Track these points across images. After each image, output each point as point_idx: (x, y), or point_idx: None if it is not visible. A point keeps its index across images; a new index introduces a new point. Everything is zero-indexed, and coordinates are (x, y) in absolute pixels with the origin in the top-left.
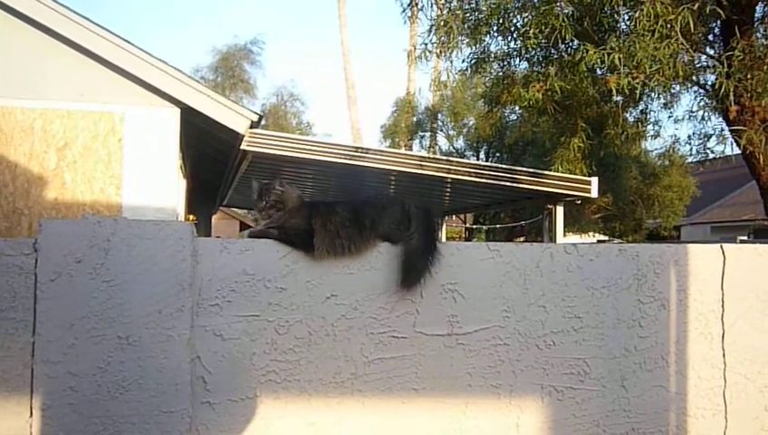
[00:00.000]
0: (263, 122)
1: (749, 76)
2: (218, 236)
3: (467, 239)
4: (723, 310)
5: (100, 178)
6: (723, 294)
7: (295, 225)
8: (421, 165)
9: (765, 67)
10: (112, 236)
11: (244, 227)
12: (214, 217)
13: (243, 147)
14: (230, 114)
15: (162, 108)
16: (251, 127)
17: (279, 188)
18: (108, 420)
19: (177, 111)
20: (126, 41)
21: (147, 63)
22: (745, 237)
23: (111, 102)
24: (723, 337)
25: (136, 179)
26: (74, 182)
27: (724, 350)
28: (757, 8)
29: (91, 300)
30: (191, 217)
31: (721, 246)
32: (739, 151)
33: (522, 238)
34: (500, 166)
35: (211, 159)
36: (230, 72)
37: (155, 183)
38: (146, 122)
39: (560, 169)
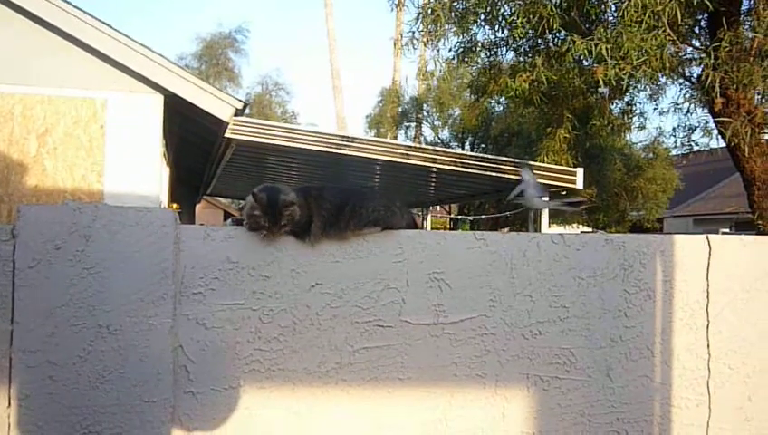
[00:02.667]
0: (247, 111)
1: (736, 68)
2: (202, 224)
3: (452, 229)
4: (708, 300)
5: (82, 164)
6: (708, 285)
7: (298, 220)
8: (407, 154)
9: (752, 59)
10: (93, 222)
11: (227, 216)
12: (197, 206)
13: (227, 135)
14: (214, 101)
15: (145, 94)
16: (235, 115)
17: (291, 207)
18: (88, 409)
19: (160, 98)
20: (109, 26)
21: (130, 49)
22: (727, 230)
23: (94, 88)
24: (707, 328)
25: (118, 167)
26: (55, 169)
27: (708, 340)
28: (744, 0)
29: (71, 288)
30: (174, 205)
31: (707, 237)
32: (723, 144)
33: (506, 229)
34: (486, 156)
35: (195, 146)
36: (214, 60)
37: (137, 170)
38: (129, 109)
39: (545, 159)
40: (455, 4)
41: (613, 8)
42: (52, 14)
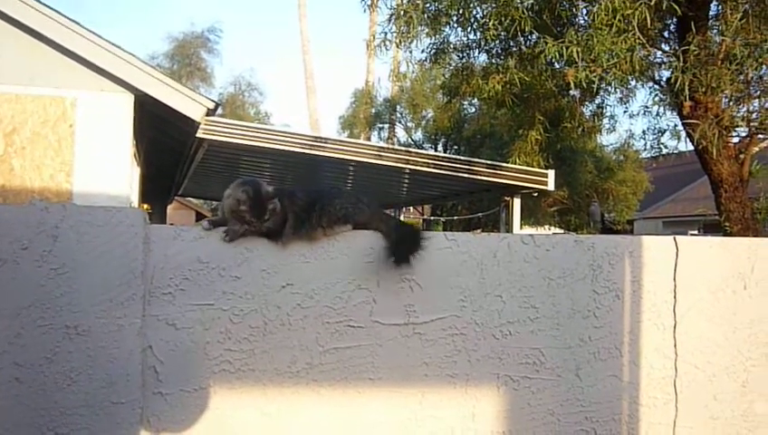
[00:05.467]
0: (220, 111)
1: (704, 72)
2: (172, 225)
3: (425, 230)
4: (675, 301)
5: (50, 164)
6: (675, 286)
7: (276, 219)
8: (380, 155)
9: (720, 63)
10: (61, 222)
11: (200, 216)
12: (169, 207)
13: (199, 135)
14: (186, 101)
15: (116, 94)
16: (207, 114)
17: (276, 202)
18: (55, 411)
19: (131, 98)
20: (79, 24)
21: (100, 48)
22: (696, 232)
23: (63, 87)
24: (674, 328)
25: (87, 167)
26: (23, 168)
27: (675, 340)
28: (711, 5)
29: (38, 288)
30: (145, 206)
31: (674, 239)
32: (692, 147)
33: (479, 230)
34: (458, 157)
35: (166, 146)
36: (186, 60)
37: (107, 170)
38: (98, 108)
39: (517, 161)
40: (427, 5)
41: (584, 11)
42: (20, 12)
